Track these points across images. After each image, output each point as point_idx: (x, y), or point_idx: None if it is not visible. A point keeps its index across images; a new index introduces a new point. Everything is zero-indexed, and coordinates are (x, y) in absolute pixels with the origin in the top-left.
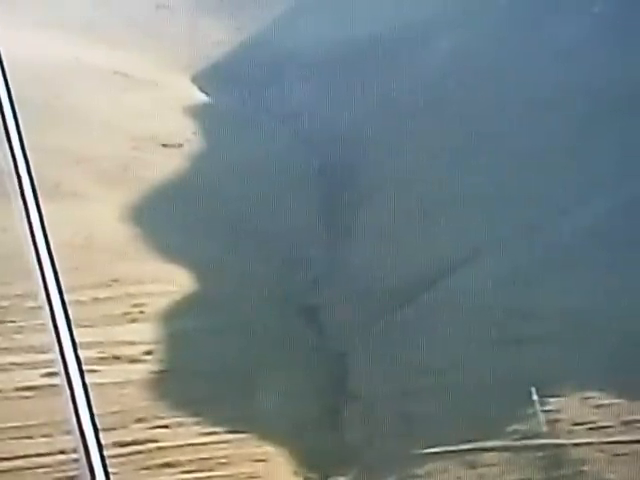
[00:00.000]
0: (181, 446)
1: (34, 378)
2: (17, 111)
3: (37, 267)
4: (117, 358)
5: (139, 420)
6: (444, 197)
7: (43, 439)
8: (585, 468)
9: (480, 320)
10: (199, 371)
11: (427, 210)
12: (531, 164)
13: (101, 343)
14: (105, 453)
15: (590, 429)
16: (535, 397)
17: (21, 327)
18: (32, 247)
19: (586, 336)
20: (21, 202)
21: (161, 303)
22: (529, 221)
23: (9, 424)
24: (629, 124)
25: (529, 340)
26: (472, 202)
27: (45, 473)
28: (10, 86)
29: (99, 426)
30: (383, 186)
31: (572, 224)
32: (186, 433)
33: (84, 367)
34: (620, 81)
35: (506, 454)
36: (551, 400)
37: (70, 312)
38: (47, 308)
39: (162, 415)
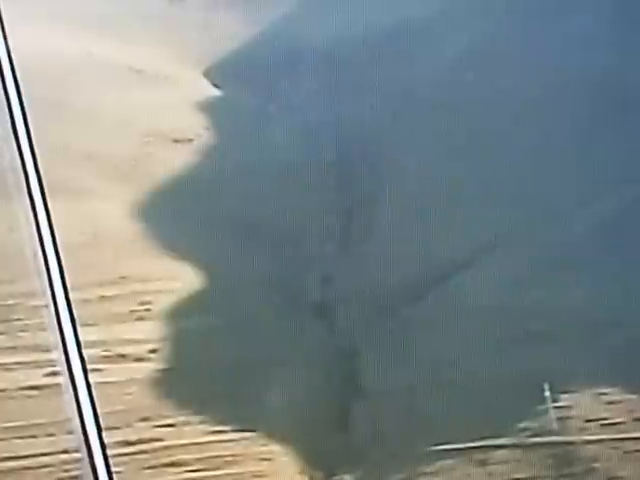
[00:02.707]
0: (186, 445)
1: (38, 377)
2: (26, 107)
3: (43, 265)
4: (122, 356)
5: (144, 419)
6: (456, 194)
7: (47, 438)
8: (597, 465)
9: (491, 317)
10: (205, 369)
11: (438, 207)
12: (542, 161)
13: (107, 341)
14: (109, 452)
15: (602, 426)
16: (547, 394)
17: (26, 326)
18: (39, 245)
19: (598, 332)
20: (28, 200)
21: (168, 301)
22: (541, 216)
23: (13, 423)
24: (638, 123)
25: (540, 336)
26: (483, 200)
27: (49, 473)
28: (19, 82)
29: (104, 425)
30: (396, 182)
31: (583, 220)
32: (191, 432)
33: (89, 366)
34: (633, 78)
35: (517, 451)
36: (562, 397)
37: (76, 310)
38: (52, 307)
39: (167, 414)
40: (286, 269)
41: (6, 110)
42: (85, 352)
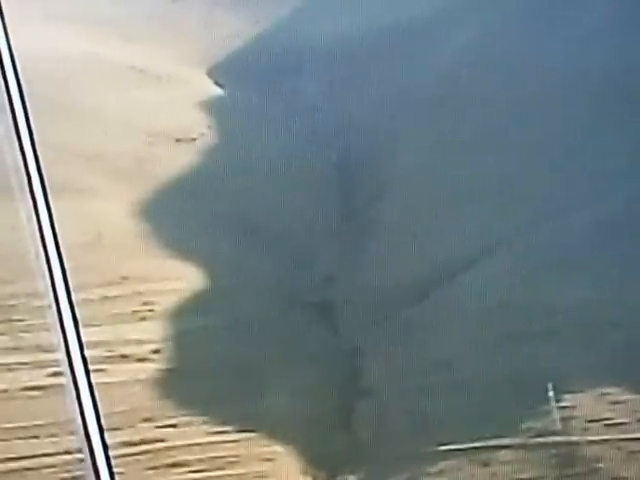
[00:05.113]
0: (189, 445)
1: (41, 378)
2: (28, 107)
3: (45, 265)
4: (125, 357)
5: (146, 419)
6: (457, 193)
7: (49, 439)
8: (600, 465)
9: (494, 316)
10: (208, 369)
11: (439, 207)
12: (541, 159)
13: (109, 342)
14: (112, 453)
15: (605, 426)
16: (550, 394)
17: (28, 326)
18: (41, 245)
19: (602, 332)
20: (30, 200)
21: (170, 301)
22: (541, 216)
23: (15, 424)
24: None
25: (544, 336)
26: (484, 198)
27: (51, 473)
28: (21, 81)
29: (106, 426)
30: (397, 181)
31: (583, 219)
32: (194, 432)
33: (91, 366)
34: (633, 75)
35: (520, 452)
36: (566, 397)
37: (79, 310)
38: (54, 307)
39: (170, 414)
40: (288, 269)
41: (8, 109)
42: (87, 352)
